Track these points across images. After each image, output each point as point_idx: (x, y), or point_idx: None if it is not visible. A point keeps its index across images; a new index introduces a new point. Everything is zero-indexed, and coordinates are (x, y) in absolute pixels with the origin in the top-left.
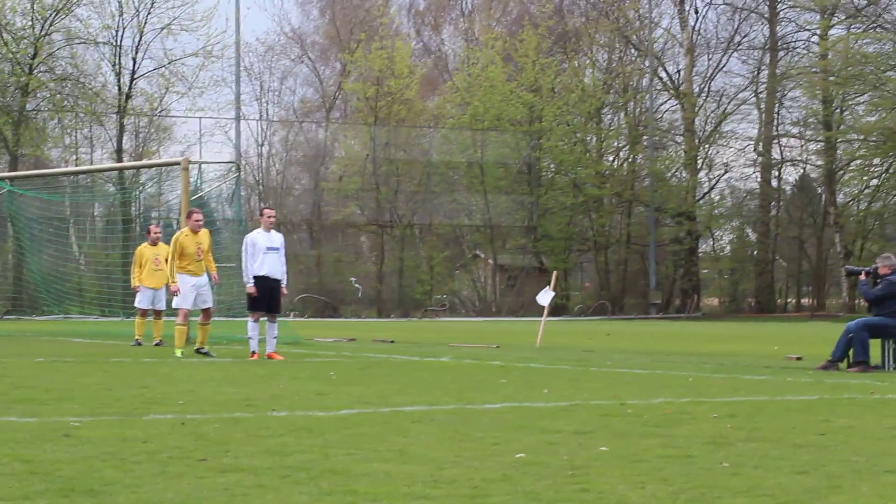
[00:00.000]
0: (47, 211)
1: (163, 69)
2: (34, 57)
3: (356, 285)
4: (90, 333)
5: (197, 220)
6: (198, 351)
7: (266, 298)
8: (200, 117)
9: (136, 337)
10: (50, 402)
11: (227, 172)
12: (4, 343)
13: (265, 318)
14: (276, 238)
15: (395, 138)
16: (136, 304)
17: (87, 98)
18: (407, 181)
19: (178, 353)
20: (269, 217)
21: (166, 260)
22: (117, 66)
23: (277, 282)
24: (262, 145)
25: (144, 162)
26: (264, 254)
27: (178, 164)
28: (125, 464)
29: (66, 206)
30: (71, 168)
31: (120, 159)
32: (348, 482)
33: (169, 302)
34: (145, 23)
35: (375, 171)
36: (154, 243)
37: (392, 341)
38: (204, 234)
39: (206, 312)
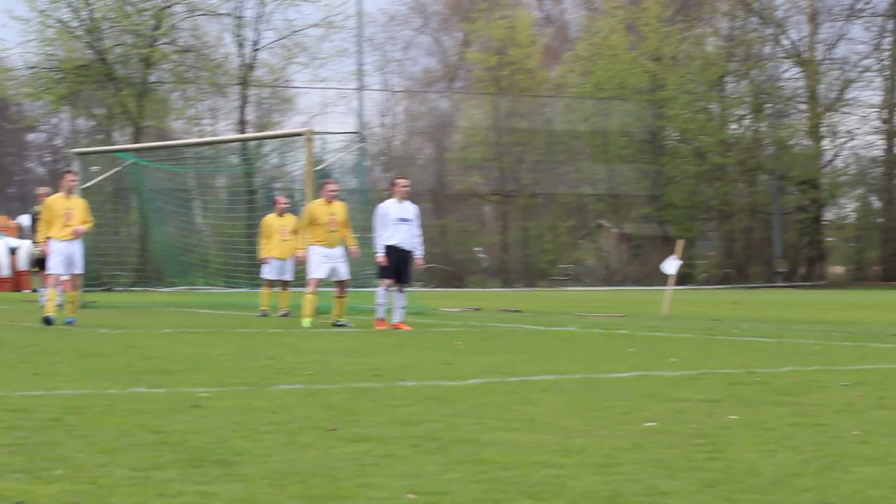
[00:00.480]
0: (171, 182)
1: (285, 40)
2: (156, 29)
3: (480, 255)
4: (216, 304)
5: (331, 191)
6: (335, 325)
7: (395, 268)
8: (323, 88)
9: (263, 308)
10: (178, 373)
11: (351, 143)
12: (131, 314)
13: (394, 288)
14: (409, 209)
15: (517, 108)
16: (263, 275)
17: (209, 69)
18: (530, 150)
19: (306, 322)
20: (403, 187)
21: (293, 231)
22: (239, 38)
23: (408, 252)
24: (385, 116)
25: (267, 133)
26: (395, 224)
27: (301, 134)
28: (255, 434)
29: (190, 177)
30: (194, 139)
31: (243, 130)
32: (477, 451)
33: (299, 272)
34: None
35: (498, 140)
36: (281, 214)
37: (518, 311)
38: (339, 205)
39: (342, 285)
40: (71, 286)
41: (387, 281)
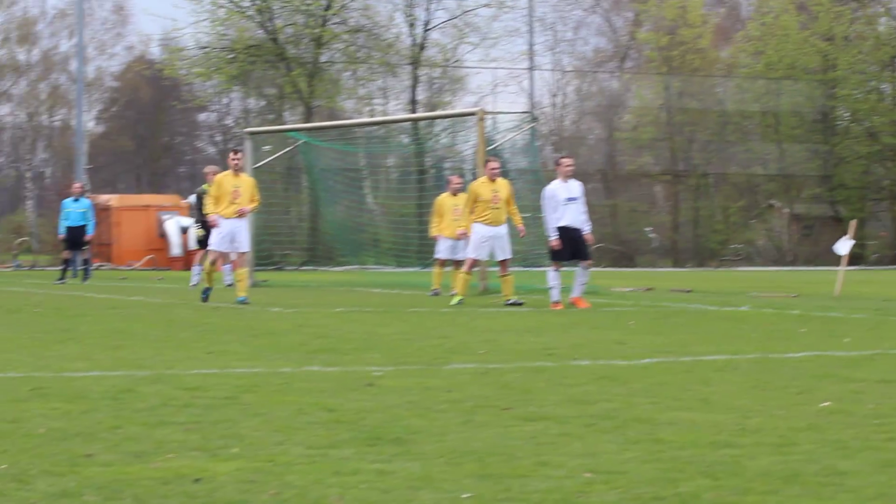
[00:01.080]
0: (342, 162)
1: (456, 20)
2: (327, 9)
3: (651, 235)
4: (387, 284)
5: (493, 168)
6: (507, 304)
7: (568, 248)
8: (494, 68)
9: (434, 287)
10: (351, 352)
11: (522, 123)
12: (303, 293)
13: (575, 266)
14: (575, 187)
15: (688, 87)
16: (435, 255)
17: (380, 49)
18: (701, 130)
19: (456, 300)
20: (567, 166)
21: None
22: (410, 17)
23: (578, 231)
24: (556, 95)
25: (439, 112)
26: (564, 205)
27: (473, 114)
28: (430, 412)
29: (361, 157)
30: (365, 119)
31: (414, 110)
32: (653, 431)
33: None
34: None
35: (669, 120)
36: (454, 193)
37: (689, 291)
38: (502, 183)
39: (503, 264)
40: (238, 264)
41: (558, 263)
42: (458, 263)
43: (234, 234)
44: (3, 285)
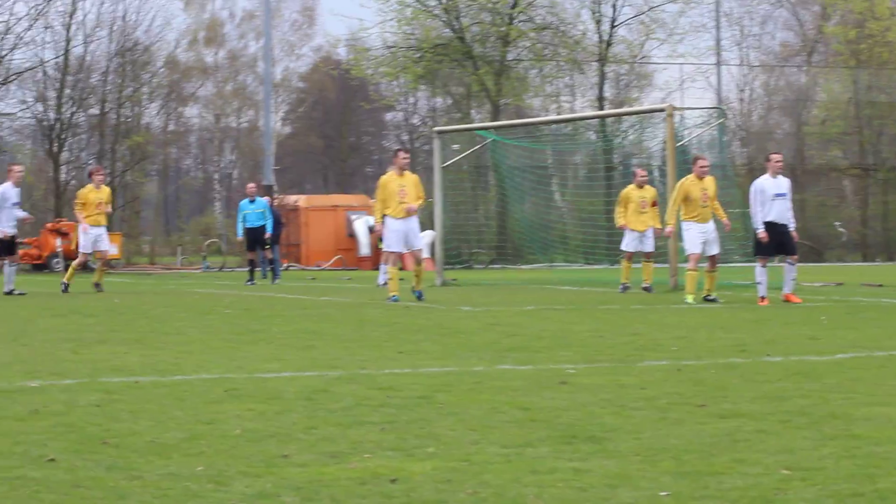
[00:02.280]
0: (529, 160)
1: (643, 16)
2: (514, 7)
3: (840, 229)
4: (576, 281)
5: (702, 167)
6: (706, 299)
7: (774, 243)
8: (681, 63)
9: (623, 282)
10: (543, 350)
11: (711, 118)
12: (492, 292)
13: (783, 263)
14: (783, 183)
15: (877, 81)
16: (622, 247)
17: (567, 47)
18: (890, 124)
19: (689, 298)
20: (776, 162)
21: (653, 203)
22: (597, 14)
23: (785, 226)
24: (743, 90)
25: (627, 109)
26: (772, 200)
27: (661, 110)
28: (624, 410)
29: (548, 154)
30: (552, 116)
31: (601, 107)
32: (849, 427)
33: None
34: None
35: (858, 114)
36: (640, 186)
37: (880, 285)
38: (710, 180)
39: (713, 259)
40: (413, 262)
41: (764, 258)
42: (647, 255)
43: (406, 232)
44: (194, 287)
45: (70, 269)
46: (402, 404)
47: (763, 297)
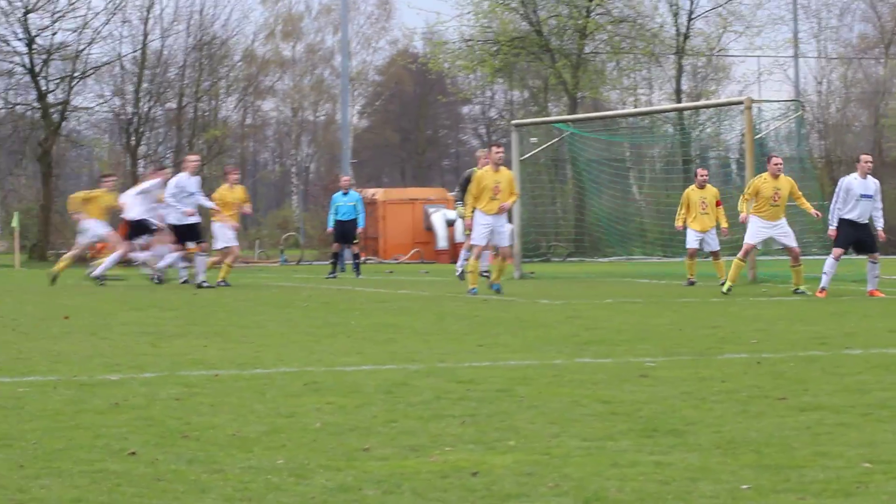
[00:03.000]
0: (606, 152)
1: (720, 8)
2: (591, 0)
3: None
4: (655, 274)
5: (776, 164)
6: (795, 292)
7: (851, 239)
8: (758, 56)
9: (689, 277)
10: (623, 343)
11: (788, 111)
12: (570, 285)
13: (868, 259)
14: (871, 184)
15: None
16: (686, 245)
17: (644, 39)
18: None
19: (725, 287)
20: (866, 163)
21: (717, 203)
22: (675, 7)
23: (866, 226)
24: (821, 83)
25: (704, 102)
26: (857, 200)
27: (739, 103)
28: (705, 403)
29: (626, 147)
30: (630, 109)
31: (679, 100)
32: None
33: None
34: None
35: None
36: (701, 186)
37: None
38: (784, 180)
39: (794, 253)
40: (499, 257)
41: (838, 251)
42: (714, 254)
43: (495, 228)
44: (272, 280)
45: (224, 267)
46: (482, 397)
47: (823, 289)
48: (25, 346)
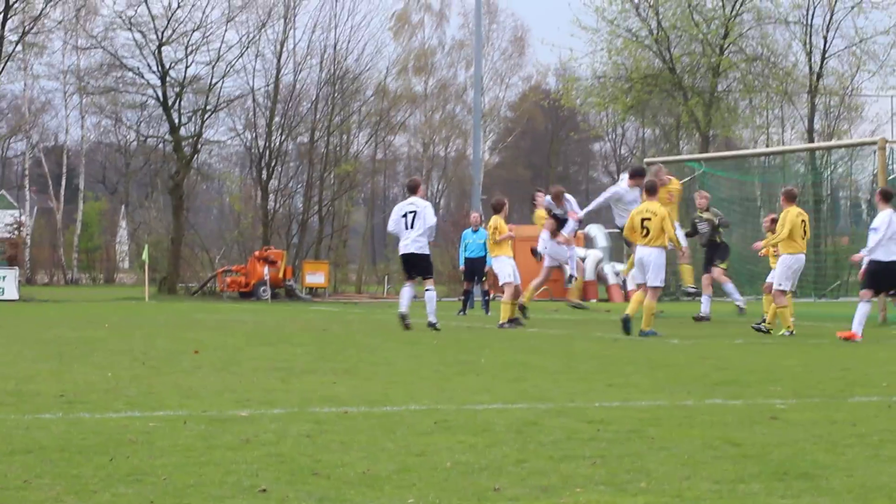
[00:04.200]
0: (738, 191)
1: (854, 47)
2: (725, 37)
3: None
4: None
5: None
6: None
7: None
8: (892, 96)
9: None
10: (753, 384)
11: None
12: (701, 325)
13: None
14: None
15: None
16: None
17: (777, 78)
18: None
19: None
20: None
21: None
22: (808, 46)
23: None
24: None
25: (836, 142)
26: None
27: (873, 143)
28: (836, 447)
29: (757, 186)
30: (762, 149)
31: (811, 139)
32: None
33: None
34: (836, 1)
35: None
36: None
37: None
38: None
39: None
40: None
41: None
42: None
43: (647, 265)
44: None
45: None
46: (612, 438)
47: None
48: (156, 380)
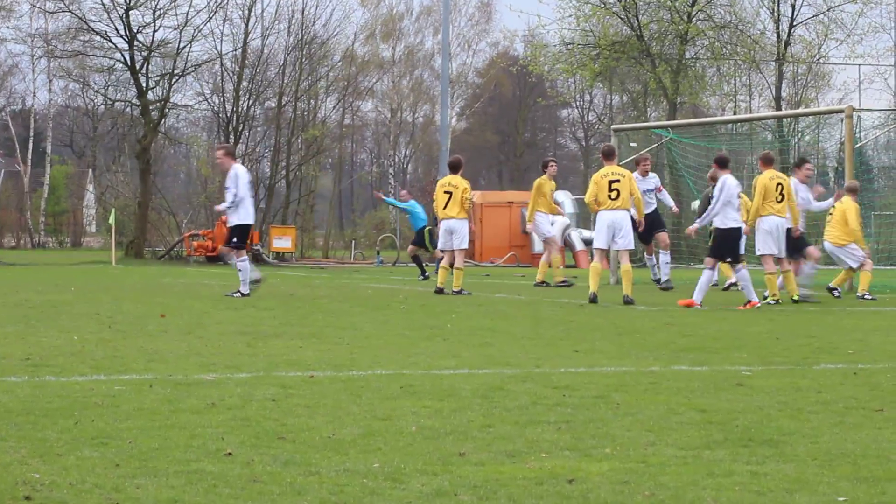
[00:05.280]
0: (705, 158)
1: (821, 16)
2: (693, 5)
3: None
4: (751, 281)
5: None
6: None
7: None
8: (859, 64)
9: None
10: (719, 351)
11: (888, 120)
12: (667, 292)
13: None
14: None
15: None
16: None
17: (745, 46)
18: None
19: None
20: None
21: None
22: (776, 14)
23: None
24: None
25: (804, 110)
26: None
27: (840, 111)
28: (801, 413)
29: (724, 153)
30: (729, 116)
31: (778, 107)
32: None
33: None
34: None
35: None
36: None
37: None
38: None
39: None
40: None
41: None
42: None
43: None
44: (368, 282)
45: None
46: (578, 404)
47: None
48: (122, 344)
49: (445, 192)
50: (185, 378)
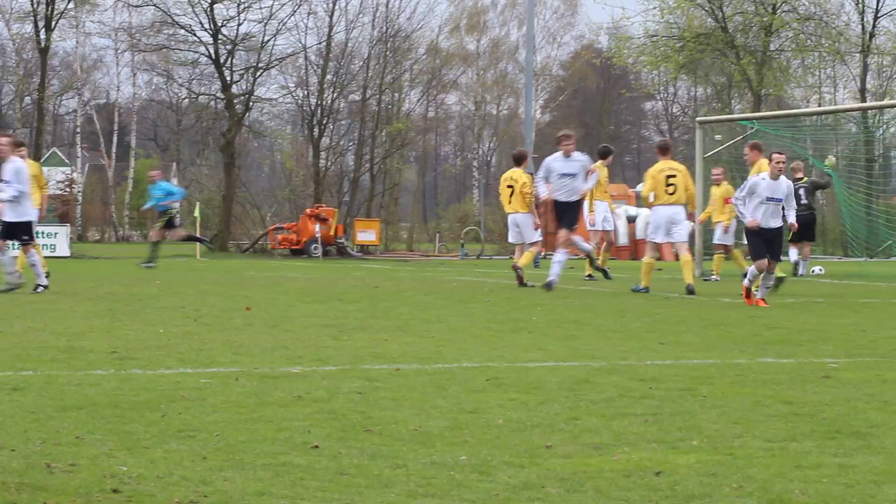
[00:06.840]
0: (790, 151)
1: None
2: None
3: None
4: (836, 274)
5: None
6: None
7: None
8: None
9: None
10: (805, 343)
11: None
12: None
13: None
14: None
15: None
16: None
17: (830, 37)
18: None
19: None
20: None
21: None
22: (860, 5)
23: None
24: None
25: (889, 102)
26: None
27: None
28: (889, 406)
29: (808, 145)
30: (814, 108)
31: (863, 99)
32: None
33: None
34: None
35: None
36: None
37: None
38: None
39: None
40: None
41: None
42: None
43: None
44: (453, 275)
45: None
46: (664, 396)
47: None
48: (207, 337)
49: (508, 187)
50: (271, 371)
